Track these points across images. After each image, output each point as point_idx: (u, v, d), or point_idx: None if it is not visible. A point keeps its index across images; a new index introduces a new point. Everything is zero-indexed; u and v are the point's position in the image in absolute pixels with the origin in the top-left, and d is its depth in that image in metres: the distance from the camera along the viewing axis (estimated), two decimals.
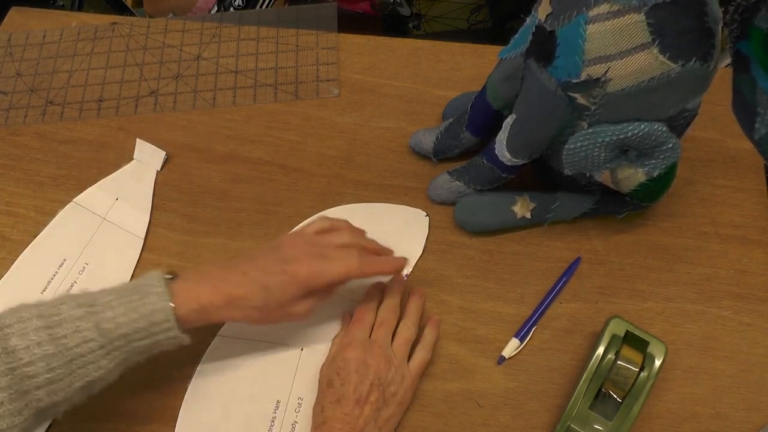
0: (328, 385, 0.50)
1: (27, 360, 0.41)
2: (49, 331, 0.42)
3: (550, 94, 0.48)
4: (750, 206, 0.62)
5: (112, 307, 0.44)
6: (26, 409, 0.42)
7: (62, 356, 0.42)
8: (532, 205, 0.59)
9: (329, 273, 0.49)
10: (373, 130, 0.69)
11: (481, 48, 0.74)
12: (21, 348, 0.41)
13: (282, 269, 0.48)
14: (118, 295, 0.45)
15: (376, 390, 0.49)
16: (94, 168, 0.69)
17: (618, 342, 0.50)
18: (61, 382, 0.42)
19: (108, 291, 0.46)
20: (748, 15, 0.37)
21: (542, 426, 0.53)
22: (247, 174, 0.67)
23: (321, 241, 0.52)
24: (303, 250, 0.50)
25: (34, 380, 0.42)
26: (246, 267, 0.49)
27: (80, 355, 0.43)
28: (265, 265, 0.49)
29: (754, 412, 0.53)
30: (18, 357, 0.41)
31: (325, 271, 0.49)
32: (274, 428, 0.53)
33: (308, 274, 0.49)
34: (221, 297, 0.47)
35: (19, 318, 0.43)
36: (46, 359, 0.42)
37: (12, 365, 0.41)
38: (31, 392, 0.42)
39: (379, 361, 0.50)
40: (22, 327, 0.42)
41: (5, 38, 0.81)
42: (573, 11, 0.43)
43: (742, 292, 0.58)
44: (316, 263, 0.49)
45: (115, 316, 0.44)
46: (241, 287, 0.48)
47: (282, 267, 0.49)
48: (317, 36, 0.77)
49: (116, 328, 0.44)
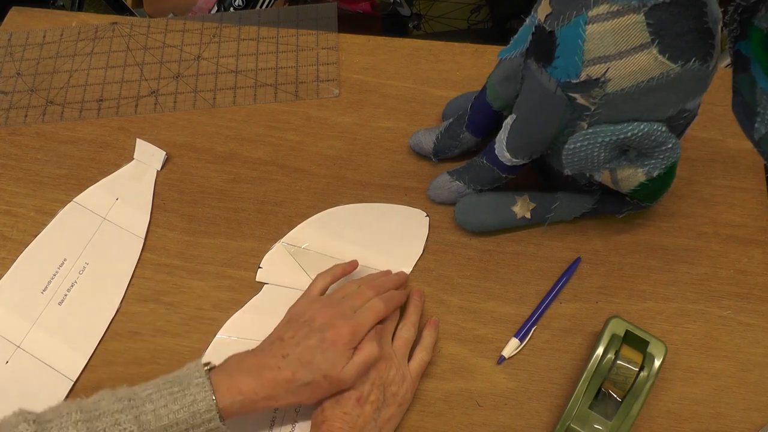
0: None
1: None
2: (88, 424, 0.42)
3: (550, 95, 0.48)
4: (750, 206, 0.62)
5: (152, 400, 0.44)
6: None
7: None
8: (532, 205, 0.59)
9: (365, 323, 0.50)
10: (373, 130, 0.69)
11: (481, 48, 0.74)
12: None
13: (321, 339, 0.48)
14: (157, 387, 0.45)
15: (376, 390, 0.49)
16: (94, 168, 0.69)
17: (618, 342, 0.50)
18: None
19: (147, 384, 0.46)
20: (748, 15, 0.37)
21: (542, 426, 0.53)
22: (247, 174, 0.67)
23: (336, 300, 0.52)
24: (331, 314, 0.50)
25: None
26: (282, 348, 0.48)
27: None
28: (302, 340, 0.48)
29: (754, 412, 0.53)
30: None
31: (362, 323, 0.49)
32: (274, 428, 0.53)
33: (350, 333, 0.48)
34: (266, 384, 0.46)
35: (59, 413, 0.43)
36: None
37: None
38: None
39: (380, 362, 0.50)
40: (62, 422, 0.42)
41: (5, 38, 0.81)
42: (572, 12, 0.43)
43: (742, 292, 0.58)
44: (350, 321, 0.49)
45: (155, 408, 0.43)
46: (287, 370, 0.47)
47: (321, 337, 0.48)
48: (317, 36, 0.77)
49: (156, 419, 0.43)
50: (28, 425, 0.42)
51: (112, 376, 0.57)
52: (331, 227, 0.63)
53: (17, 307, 0.60)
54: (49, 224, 0.65)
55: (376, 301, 0.52)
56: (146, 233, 0.64)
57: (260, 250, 0.62)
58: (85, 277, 0.61)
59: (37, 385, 0.56)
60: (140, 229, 0.64)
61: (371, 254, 0.61)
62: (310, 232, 0.63)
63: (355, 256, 0.61)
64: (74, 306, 0.60)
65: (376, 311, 0.51)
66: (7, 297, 0.61)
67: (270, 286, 0.60)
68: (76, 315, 0.60)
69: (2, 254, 0.63)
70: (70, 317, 0.59)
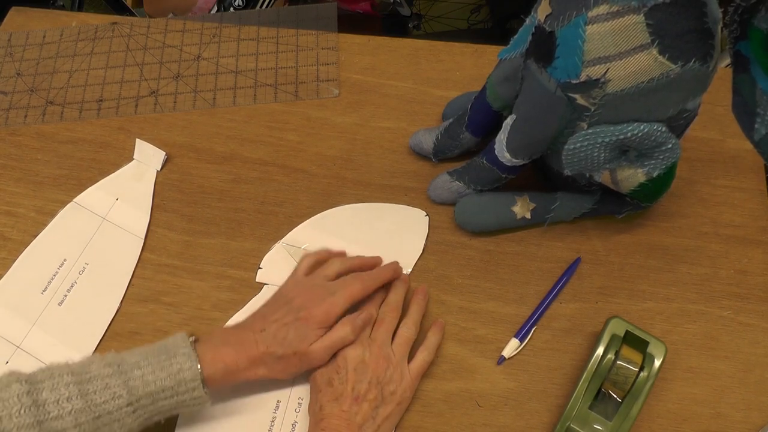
0: (328, 384, 0.50)
1: (55, 414, 0.42)
2: (79, 386, 0.43)
3: (550, 95, 0.48)
4: (750, 206, 0.62)
5: (140, 366, 0.46)
6: None
7: (90, 412, 0.43)
8: (532, 205, 0.59)
9: (339, 304, 0.52)
10: (373, 130, 0.69)
11: (481, 48, 0.74)
12: (51, 401, 0.43)
13: (296, 317, 0.51)
14: (145, 355, 0.47)
15: (374, 388, 0.49)
16: (94, 168, 0.69)
17: (618, 342, 0.50)
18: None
19: (135, 352, 0.48)
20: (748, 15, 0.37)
21: (542, 426, 0.53)
22: (247, 174, 0.67)
23: (318, 282, 0.54)
24: (309, 296, 0.52)
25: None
26: (262, 324, 0.51)
27: (107, 412, 0.44)
28: (280, 317, 0.51)
29: (754, 412, 0.53)
30: (47, 410, 0.42)
31: (335, 304, 0.52)
32: (274, 428, 0.53)
33: (322, 313, 0.51)
34: (245, 357, 0.49)
35: (50, 374, 0.44)
36: (75, 414, 0.43)
37: (40, 418, 0.42)
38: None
39: (378, 360, 0.50)
40: (54, 382, 0.43)
41: (5, 38, 0.81)
42: (572, 12, 0.43)
43: (742, 292, 0.58)
44: (324, 302, 0.52)
45: (143, 374, 0.45)
46: (262, 344, 0.50)
47: (296, 316, 0.51)
48: (317, 36, 0.77)
49: (144, 386, 0.45)
50: (20, 385, 0.43)
51: None
52: (330, 228, 0.63)
53: (17, 308, 0.60)
54: (49, 224, 0.65)
55: (353, 282, 0.54)
56: (146, 233, 0.64)
57: (260, 251, 0.62)
58: (85, 278, 0.61)
59: None
60: (140, 230, 0.64)
61: (371, 254, 0.61)
62: (310, 232, 0.63)
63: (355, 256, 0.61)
64: (74, 306, 0.60)
65: (351, 292, 0.53)
66: (7, 297, 0.61)
67: (270, 287, 0.60)
68: (76, 315, 0.60)
69: (2, 254, 0.63)
70: (70, 317, 0.59)
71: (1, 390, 0.42)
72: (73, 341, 0.58)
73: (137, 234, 0.64)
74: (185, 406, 0.47)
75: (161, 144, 0.69)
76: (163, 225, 0.65)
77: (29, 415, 0.42)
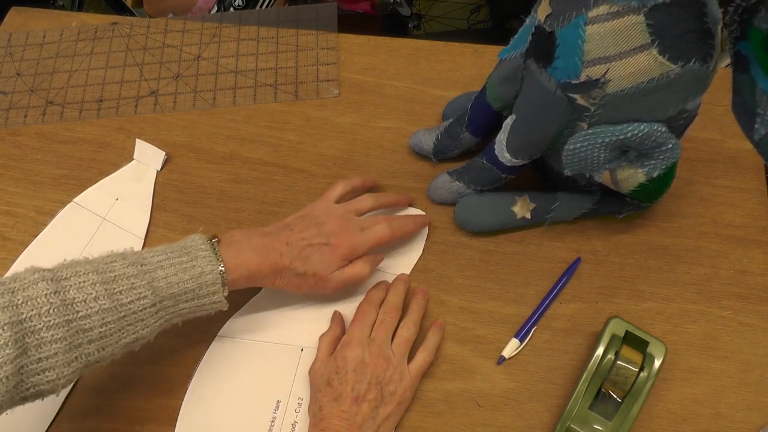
0: (327, 384, 0.50)
1: (84, 313, 0.42)
2: (105, 285, 0.44)
3: (550, 95, 0.48)
4: (750, 206, 0.62)
5: (163, 267, 0.47)
6: (76, 362, 0.42)
7: (116, 312, 0.44)
8: (532, 205, 0.59)
9: (367, 243, 0.55)
10: (373, 130, 0.69)
11: (481, 48, 0.74)
12: (79, 301, 0.42)
13: (325, 242, 0.53)
14: (166, 254, 0.48)
15: (374, 389, 0.49)
16: (94, 168, 0.69)
17: (618, 342, 0.50)
18: (111, 338, 0.44)
19: (154, 251, 0.48)
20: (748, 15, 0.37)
21: (542, 426, 0.53)
22: (247, 174, 0.67)
23: (350, 215, 0.57)
24: (341, 225, 0.55)
25: (89, 334, 0.43)
26: (289, 237, 0.53)
27: (132, 312, 0.45)
28: (308, 237, 0.53)
29: (754, 412, 0.53)
30: (76, 309, 0.42)
31: (363, 242, 0.55)
32: (274, 428, 0.53)
33: (349, 246, 0.54)
34: (269, 266, 0.51)
35: (75, 272, 0.44)
36: (102, 313, 0.43)
37: (69, 317, 0.42)
38: (83, 345, 0.43)
39: (378, 360, 0.50)
40: (80, 281, 0.43)
41: (5, 38, 0.81)
42: (572, 12, 0.43)
43: (742, 292, 0.58)
44: (354, 236, 0.54)
45: (166, 275, 0.46)
46: (286, 257, 0.51)
47: (325, 240, 0.53)
48: (317, 36, 0.77)
49: (168, 287, 0.46)
50: (47, 284, 0.42)
51: (112, 376, 0.57)
52: None
53: None
54: (49, 224, 0.65)
55: (383, 226, 0.56)
56: (146, 233, 0.64)
57: None
58: None
59: None
60: (140, 230, 0.64)
61: None
62: None
63: None
64: None
65: (380, 235, 0.56)
66: None
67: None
68: None
69: (2, 254, 0.63)
70: None
71: (28, 288, 0.42)
72: None
73: (137, 234, 0.64)
74: (203, 309, 0.49)
75: (161, 144, 0.69)
76: (163, 225, 0.65)
77: (58, 314, 0.41)
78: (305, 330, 0.57)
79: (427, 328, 0.56)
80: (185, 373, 0.56)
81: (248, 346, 0.57)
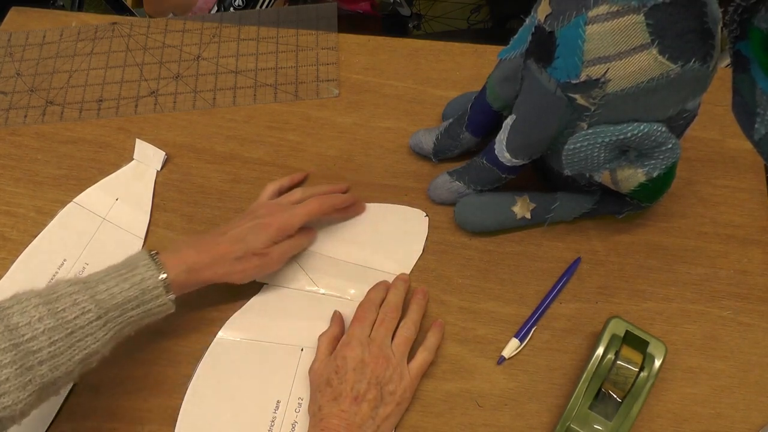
0: (327, 384, 0.50)
1: (30, 335, 0.43)
2: (48, 306, 0.44)
3: (550, 95, 0.48)
4: (750, 206, 0.62)
5: (104, 281, 0.48)
6: (30, 385, 0.42)
7: (62, 329, 0.44)
8: (532, 205, 0.59)
9: (297, 216, 0.57)
10: (373, 130, 0.69)
11: (481, 48, 0.74)
12: (23, 324, 0.43)
13: (257, 223, 0.55)
14: (107, 271, 0.49)
15: (374, 388, 0.49)
16: (94, 168, 0.69)
17: (618, 342, 0.50)
18: (62, 356, 0.44)
19: (98, 272, 0.49)
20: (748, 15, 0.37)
21: (542, 426, 0.53)
22: (247, 174, 0.67)
23: (281, 200, 0.60)
24: (271, 209, 0.58)
25: (38, 355, 0.43)
26: (224, 229, 0.56)
27: (79, 327, 0.45)
28: (241, 223, 0.56)
29: (754, 412, 0.53)
30: (21, 333, 0.43)
31: (294, 215, 0.57)
32: (274, 428, 0.53)
33: (280, 221, 0.56)
34: (206, 255, 0.52)
35: (17, 300, 0.45)
36: (48, 333, 0.43)
37: (15, 341, 0.42)
38: (34, 367, 0.43)
39: (378, 360, 0.50)
40: (22, 306, 0.44)
41: (5, 38, 0.81)
42: (572, 12, 0.43)
43: (742, 292, 0.58)
44: (284, 212, 0.57)
45: (108, 287, 0.47)
46: (222, 244, 0.54)
47: (256, 221, 0.56)
48: (317, 36, 0.77)
49: (111, 298, 0.47)
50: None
51: (112, 376, 0.57)
52: (331, 227, 0.63)
53: None
54: (48, 225, 0.65)
55: (313, 200, 0.59)
56: (146, 233, 0.64)
57: None
58: None
59: None
60: (140, 230, 0.64)
61: (371, 254, 0.61)
62: None
63: (355, 256, 0.61)
64: None
65: (310, 209, 0.58)
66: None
67: (270, 286, 0.60)
68: None
69: (2, 255, 0.63)
70: None
71: None
72: None
73: (137, 234, 0.64)
74: (152, 314, 0.50)
75: (161, 144, 0.69)
76: (163, 225, 0.65)
77: (3, 339, 0.42)
78: (305, 330, 0.57)
79: (427, 328, 0.56)
80: (185, 373, 0.56)
81: (248, 346, 0.57)
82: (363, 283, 0.59)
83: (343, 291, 0.60)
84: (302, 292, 0.60)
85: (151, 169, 0.68)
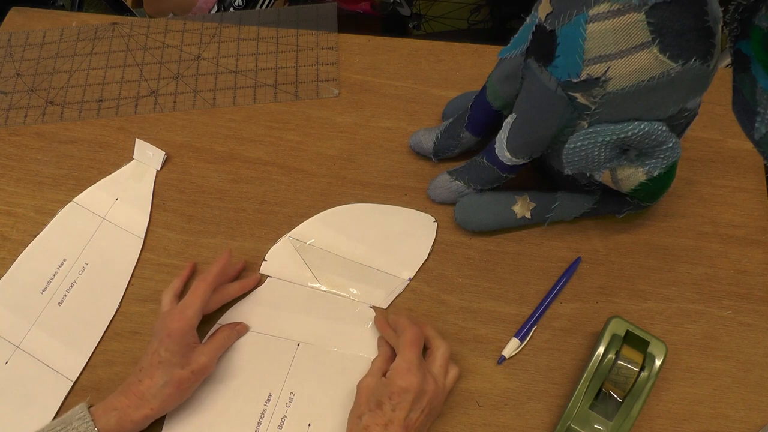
0: (377, 406, 0.49)
1: None
2: None
3: (551, 94, 0.48)
4: (750, 206, 0.62)
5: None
6: None
7: None
8: (532, 205, 0.59)
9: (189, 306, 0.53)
10: (373, 130, 0.69)
11: (481, 48, 0.74)
12: None
13: (160, 339, 0.52)
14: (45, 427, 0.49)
15: (424, 415, 0.49)
16: (94, 168, 0.69)
17: (618, 342, 0.50)
18: None
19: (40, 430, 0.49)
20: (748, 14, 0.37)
21: (542, 426, 0.53)
22: (247, 174, 0.67)
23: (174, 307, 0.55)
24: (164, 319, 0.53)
25: None
26: (140, 364, 0.52)
27: None
28: (150, 350, 0.52)
29: (754, 412, 0.53)
30: None
31: (186, 307, 0.53)
32: (263, 420, 0.53)
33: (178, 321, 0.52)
34: (133, 395, 0.50)
35: None
36: None
37: None
38: None
39: (435, 389, 0.50)
40: None
41: (5, 38, 0.81)
42: (573, 10, 0.43)
43: (742, 292, 0.58)
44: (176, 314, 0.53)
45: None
46: (145, 378, 0.51)
47: (159, 338, 0.52)
48: (317, 36, 0.77)
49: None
50: None
51: (112, 376, 0.57)
52: (338, 225, 0.63)
53: (17, 308, 0.60)
54: (48, 224, 0.65)
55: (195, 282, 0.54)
56: (146, 233, 0.64)
57: (260, 250, 0.62)
58: (85, 278, 0.61)
59: (36, 385, 0.56)
60: (140, 229, 0.64)
61: (376, 255, 0.61)
62: (318, 227, 0.63)
63: (360, 256, 0.61)
64: (74, 306, 0.60)
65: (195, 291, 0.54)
66: (7, 297, 0.61)
67: (272, 279, 0.60)
68: (76, 315, 0.59)
69: (2, 254, 0.63)
70: (70, 317, 0.59)
71: None
72: (72, 341, 0.58)
73: (137, 234, 0.64)
74: None
75: (161, 144, 0.69)
76: (163, 225, 0.64)
77: None
78: (303, 325, 0.58)
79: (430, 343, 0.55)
80: None
81: (245, 336, 0.57)
82: (365, 283, 0.59)
83: (344, 290, 0.59)
84: (304, 287, 0.60)
85: (150, 169, 0.68)
